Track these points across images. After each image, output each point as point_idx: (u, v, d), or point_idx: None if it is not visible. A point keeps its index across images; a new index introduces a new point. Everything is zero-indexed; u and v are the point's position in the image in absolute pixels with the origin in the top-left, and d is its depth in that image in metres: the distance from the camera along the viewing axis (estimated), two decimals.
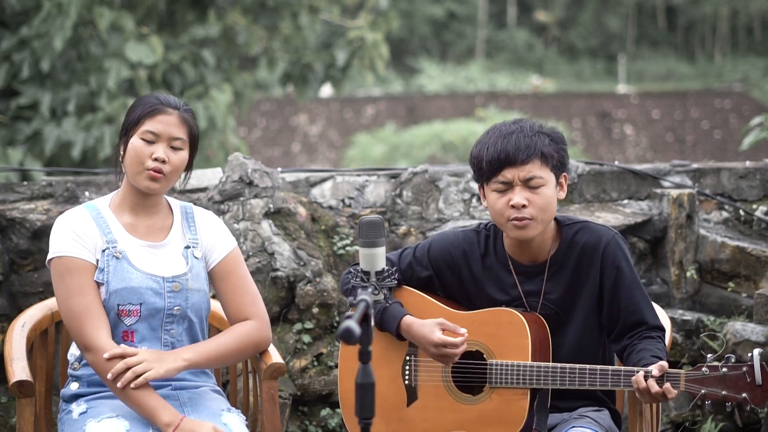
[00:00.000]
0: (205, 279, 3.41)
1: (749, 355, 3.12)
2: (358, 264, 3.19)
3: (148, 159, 3.28)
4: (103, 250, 3.29)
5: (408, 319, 3.40)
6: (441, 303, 3.48)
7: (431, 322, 3.37)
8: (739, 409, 3.20)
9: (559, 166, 3.34)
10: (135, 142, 3.30)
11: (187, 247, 3.39)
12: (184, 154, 3.34)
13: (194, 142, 3.38)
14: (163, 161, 3.29)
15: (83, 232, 3.29)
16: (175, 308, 3.32)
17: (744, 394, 3.10)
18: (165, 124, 3.30)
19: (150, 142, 3.30)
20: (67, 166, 8.82)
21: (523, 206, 3.28)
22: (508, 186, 3.30)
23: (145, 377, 3.17)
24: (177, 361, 3.25)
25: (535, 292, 3.41)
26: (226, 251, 3.44)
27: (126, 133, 3.33)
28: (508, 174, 3.29)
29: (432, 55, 36.37)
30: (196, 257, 3.39)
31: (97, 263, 3.28)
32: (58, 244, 3.29)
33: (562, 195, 3.38)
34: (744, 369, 3.11)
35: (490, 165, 3.29)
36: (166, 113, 3.31)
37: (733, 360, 3.13)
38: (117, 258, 3.28)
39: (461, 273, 3.47)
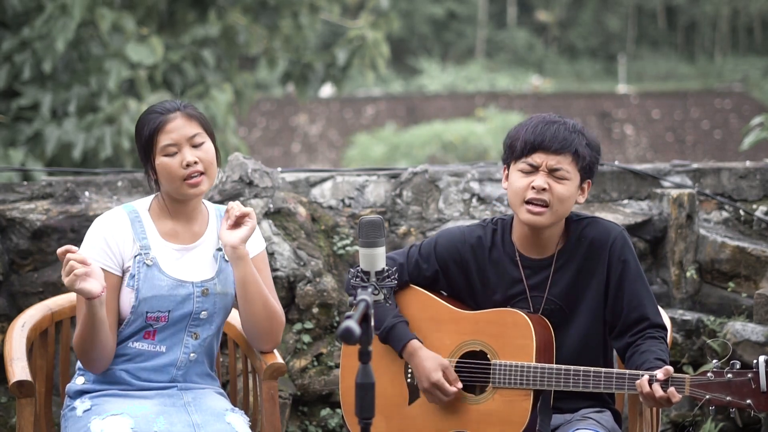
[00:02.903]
0: (233, 282, 3.42)
1: (754, 361, 3.12)
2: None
3: (180, 169, 3.29)
4: (135, 256, 3.31)
5: (415, 344, 3.43)
6: (446, 302, 3.48)
7: (436, 361, 3.39)
8: (739, 410, 3.20)
9: (587, 170, 3.39)
10: (161, 161, 3.30)
11: (219, 250, 3.41)
12: (208, 146, 3.34)
13: (210, 131, 3.38)
14: (195, 162, 3.30)
15: (115, 242, 3.31)
16: (203, 312, 3.35)
17: (748, 401, 3.11)
18: (175, 130, 3.30)
19: (173, 154, 3.30)
20: (68, 166, 8.83)
21: (543, 189, 3.31)
22: (534, 170, 3.34)
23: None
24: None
25: (540, 286, 3.42)
26: (255, 252, 3.46)
27: (147, 157, 3.33)
28: (538, 158, 3.34)
29: (432, 55, 36.36)
30: (226, 260, 3.40)
31: (128, 270, 3.31)
32: (88, 248, 3.32)
33: (582, 200, 3.42)
34: (749, 375, 3.11)
35: (524, 144, 3.35)
36: (171, 120, 3.31)
37: (738, 366, 3.13)
38: (148, 266, 3.30)
39: (468, 268, 3.48)
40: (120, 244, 3.31)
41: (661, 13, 39.42)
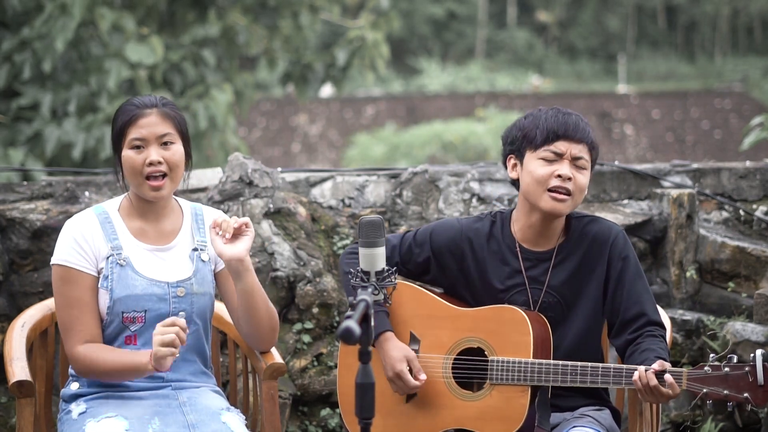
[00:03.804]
0: (211, 282, 3.40)
1: (752, 355, 3.13)
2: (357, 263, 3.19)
3: (143, 166, 3.27)
4: (108, 257, 3.29)
5: (388, 335, 3.44)
6: (443, 299, 3.48)
7: (402, 351, 3.41)
8: (739, 409, 3.20)
9: (594, 161, 3.46)
10: (126, 154, 3.29)
11: (195, 250, 3.38)
12: (177, 148, 3.31)
13: (184, 133, 3.35)
14: (159, 162, 3.27)
15: (86, 242, 3.29)
16: (180, 313, 3.32)
17: (746, 394, 3.11)
18: (147, 126, 3.28)
19: (139, 149, 3.28)
20: (68, 166, 8.84)
21: (569, 178, 3.35)
22: (557, 158, 3.37)
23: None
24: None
25: (539, 279, 3.43)
26: None
27: (116, 147, 3.33)
28: (562, 146, 3.36)
29: (432, 55, 36.36)
30: (202, 260, 3.38)
31: (101, 271, 3.28)
32: (61, 252, 3.30)
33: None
34: (746, 369, 3.12)
35: (546, 133, 3.37)
36: (145, 115, 3.28)
37: (735, 360, 3.14)
38: (121, 266, 3.28)
39: (464, 259, 3.48)
40: (92, 244, 3.28)
41: (661, 13, 39.44)
